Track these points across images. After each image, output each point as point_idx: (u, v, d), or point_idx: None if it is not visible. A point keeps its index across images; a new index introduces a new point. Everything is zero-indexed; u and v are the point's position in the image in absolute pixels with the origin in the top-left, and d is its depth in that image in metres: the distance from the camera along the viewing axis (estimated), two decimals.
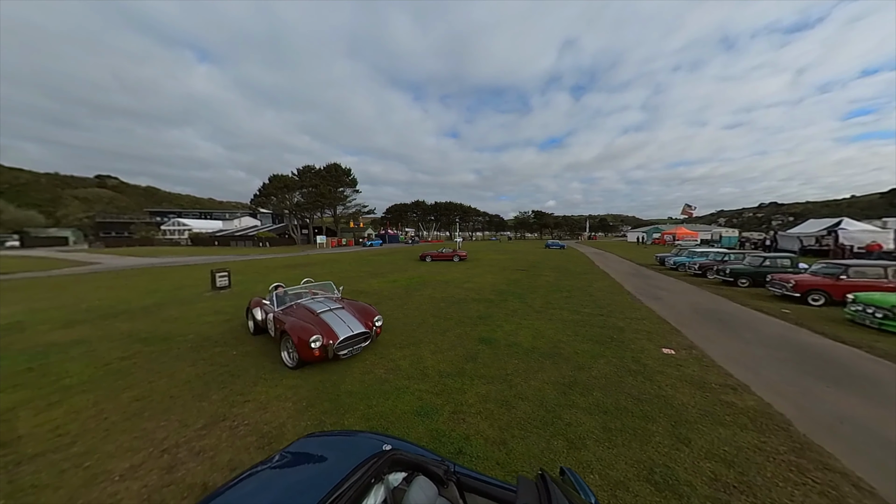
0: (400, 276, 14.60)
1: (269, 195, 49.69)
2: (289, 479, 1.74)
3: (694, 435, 3.17)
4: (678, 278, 14.23)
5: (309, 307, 5.36)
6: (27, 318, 7.73)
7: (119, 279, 14.69)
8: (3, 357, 5.24)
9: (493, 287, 11.69)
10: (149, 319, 7.52)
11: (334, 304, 5.60)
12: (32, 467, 2.79)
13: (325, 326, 4.75)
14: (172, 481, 2.62)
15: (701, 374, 4.51)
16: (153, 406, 3.75)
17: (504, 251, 33.85)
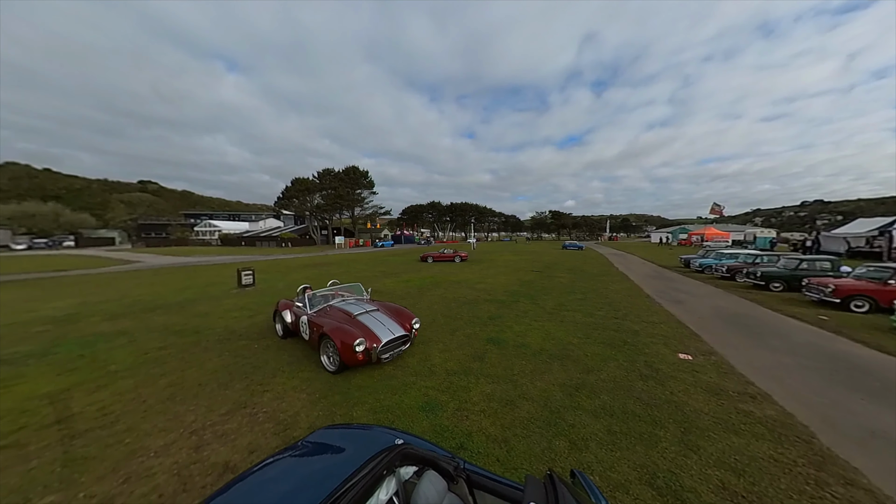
0: (413, 277, 14.83)
1: (292, 197, 51.89)
2: (309, 467, 1.89)
3: (704, 442, 3.07)
4: (703, 281, 13.50)
5: (344, 309, 5.22)
6: (80, 310, 8.61)
7: (157, 276, 15.93)
8: (61, 345, 5.90)
9: (505, 288, 11.64)
10: (182, 314, 8.15)
11: (369, 306, 5.50)
12: (83, 441, 3.16)
13: (365, 329, 4.63)
14: (199, 460, 2.89)
15: (718, 381, 4.32)
16: (184, 392, 4.11)
17: (519, 252, 33.41)
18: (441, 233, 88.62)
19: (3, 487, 2.59)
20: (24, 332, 6.71)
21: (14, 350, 5.64)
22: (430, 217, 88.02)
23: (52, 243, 49.56)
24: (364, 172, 55.35)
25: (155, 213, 75.52)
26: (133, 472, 2.74)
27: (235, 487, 1.76)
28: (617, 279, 14.03)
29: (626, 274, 15.78)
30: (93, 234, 59.69)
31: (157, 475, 2.71)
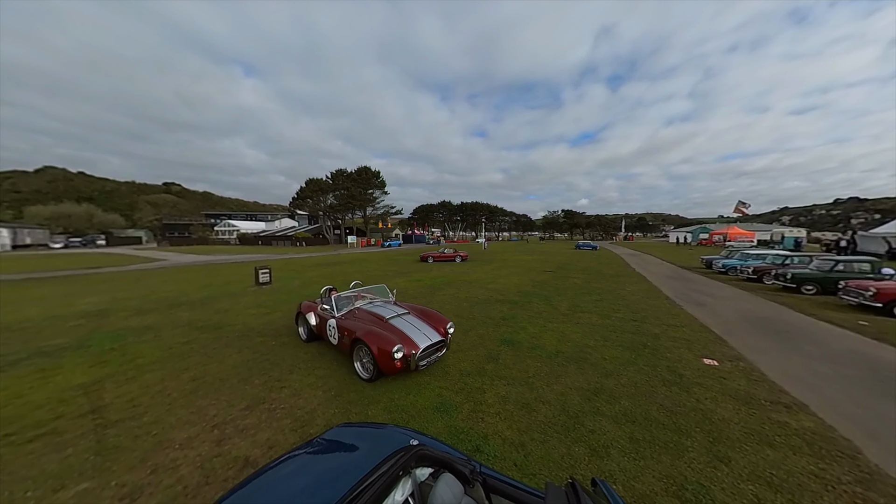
0: (425, 276, 14.87)
1: (306, 198, 53.12)
2: (325, 464, 1.90)
3: (735, 454, 2.90)
4: (727, 283, 12.89)
5: (374, 312, 4.98)
6: (110, 306, 9.07)
7: (180, 274, 16.63)
8: (94, 338, 6.22)
9: (517, 288, 11.49)
10: (204, 310, 8.45)
11: (399, 308, 5.25)
12: (115, 431, 3.31)
13: (401, 335, 4.37)
14: (220, 453, 2.97)
15: (748, 389, 4.09)
16: (206, 386, 4.24)
17: (531, 252, 32.97)
18: (452, 232, 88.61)
19: (43, 473, 2.74)
20: (62, 325, 7.13)
21: (53, 342, 5.99)
22: (440, 217, 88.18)
23: (85, 242, 52.64)
24: (376, 173, 56.01)
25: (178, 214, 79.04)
26: (160, 464, 2.84)
27: (255, 482, 1.79)
28: (634, 280, 13.60)
29: (643, 275, 15.28)
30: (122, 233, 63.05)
31: (182, 467, 2.80)
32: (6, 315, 8.04)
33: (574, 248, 39.21)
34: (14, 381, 4.42)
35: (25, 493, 2.53)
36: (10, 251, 38.64)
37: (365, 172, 54.95)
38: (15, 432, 3.29)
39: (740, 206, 50.72)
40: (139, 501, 2.45)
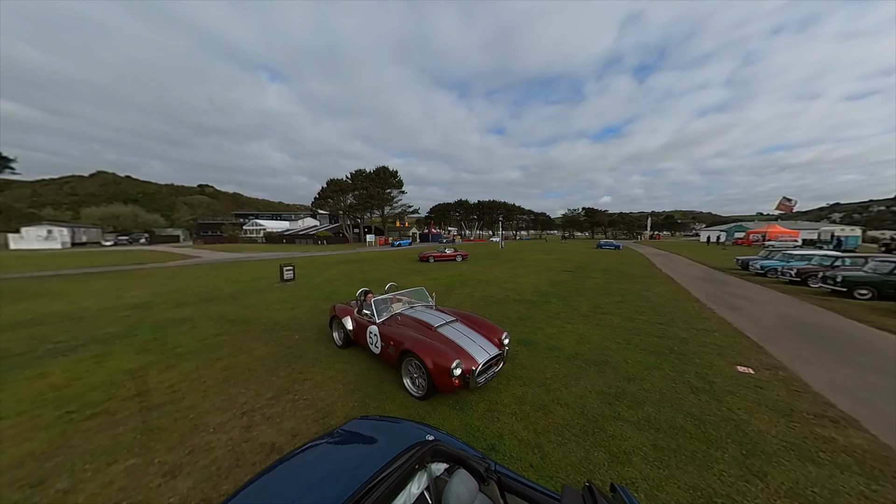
0: (441, 275, 14.94)
1: (327, 198, 54.91)
2: (344, 454, 1.98)
3: (772, 469, 2.71)
4: (766, 286, 11.96)
5: (420, 319, 4.52)
6: (153, 299, 9.86)
7: (213, 270, 17.76)
8: (139, 328, 6.80)
9: (535, 288, 11.28)
10: (234, 304, 8.99)
11: (446, 315, 4.77)
12: (157, 413, 3.61)
13: (455, 347, 3.89)
14: (249, 439, 3.16)
15: (788, 400, 3.80)
16: (236, 376, 4.52)
17: (549, 251, 32.20)
18: (468, 231, 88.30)
19: (98, 448, 3.04)
20: (112, 315, 7.85)
21: (105, 331, 6.62)
22: (457, 215, 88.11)
23: (131, 240, 57.49)
24: (393, 172, 56.87)
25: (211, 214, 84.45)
26: (196, 445, 3.08)
27: (282, 467, 1.89)
28: (660, 281, 12.95)
29: (670, 276, 14.50)
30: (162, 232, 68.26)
31: (215, 450, 3.01)
32: (69, 305, 8.96)
33: (595, 248, 37.86)
34: (74, 365, 4.93)
35: (84, 466, 2.82)
36: (70, 248, 42.99)
37: (383, 172, 55.95)
38: (75, 410, 3.68)
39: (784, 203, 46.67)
40: (178, 479, 2.67)
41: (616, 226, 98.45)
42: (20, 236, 43.15)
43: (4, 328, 6.81)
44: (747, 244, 40.78)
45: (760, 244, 36.42)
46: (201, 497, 2.48)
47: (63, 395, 4.03)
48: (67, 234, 46.81)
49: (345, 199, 54.98)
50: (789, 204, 46.79)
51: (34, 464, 2.85)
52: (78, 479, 2.67)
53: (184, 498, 2.48)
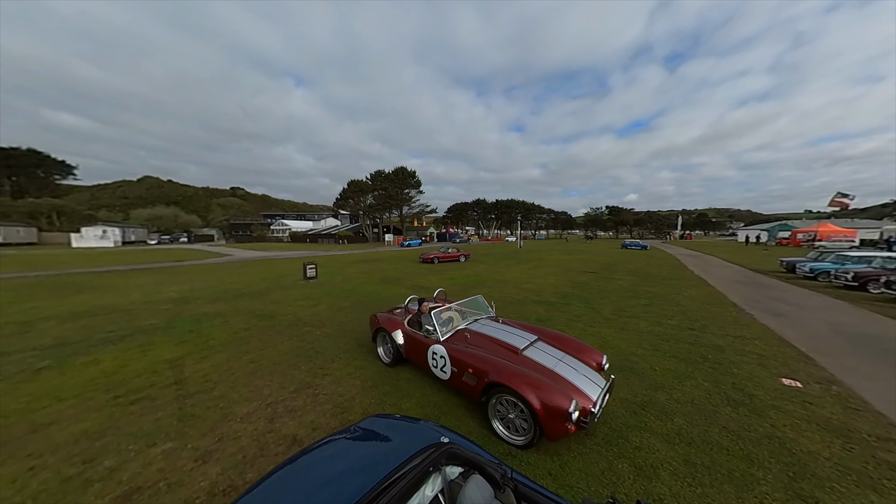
0: (458, 274, 14.91)
1: (347, 198, 56.54)
2: (361, 451, 2.01)
3: (824, 495, 2.44)
4: (816, 290, 10.87)
5: (496, 338, 3.76)
6: (190, 294, 10.60)
7: (243, 268, 18.83)
8: (177, 321, 7.33)
9: (555, 289, 10.96)
10: (261, 300, 9.47)
11: (524, 332, 3.99)
12: (192, 401, 3.86)
13: (556, 378, 3.10)
14: (272, 430, 3.30)
15: (844, 419, 3.41)
16: (262, 369, 4.74)
17: (571, 251, 31.21)
18: (486, 230, 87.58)
19: (140, 430, 3.30)
20: (155, 309, 8.52)
21: (148, 322, 7.19)
22: (474, 215, 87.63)
23: (172, 239, 62.27)
24: (412, 172, 57.54)
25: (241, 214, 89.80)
26: (225, 433, 3.25)
27: (301, 460, 1.95)
28: (692, 284, 12.14)
29: (703, 278, 13.56)
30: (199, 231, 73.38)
31: (242, 438, 3.17)
32: (118, 299, 9.84)
33: (620, 248, 36.21)
34: (122, 353, 5.39)
35: (128, 446, 3.07)
36: (121, 246, 47.34)
37: (401, 172, 56.77)
38: (122, 395, 4.01)
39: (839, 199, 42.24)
40: (209, 464, 2.83)
41: (643, 225, 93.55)
42: (81, 235, 48.11)
43: (66, 318, 7.58)
44: (794, 244, 37.34)
45: (809, 245, 33.22)
46: (228, 483, 2.62)
47: (112, 380, 4.42)
48: (119, 234, 51.57)
49: (364, 200, 56.38)
50: (845, 200, 42.26)
51: (87, 442, 3.13)
52: (123, 459, 2.90)
53: (213, 483, 2.63)
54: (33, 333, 6.44)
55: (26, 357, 5.22)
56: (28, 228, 48.64)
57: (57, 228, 53.94)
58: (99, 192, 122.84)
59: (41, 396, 3.98)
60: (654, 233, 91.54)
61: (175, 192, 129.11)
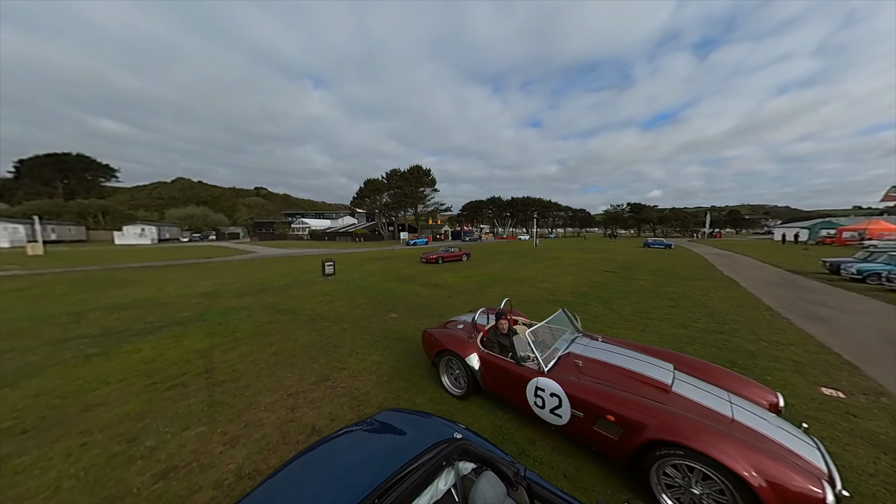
0: (472, 273, 14.87)
1: (364, 197, 57.70)
2: (376, 443, 2.08)
3: None
4: (864, 293, 9.96)
5: (624, 368, 2.97)
6: (218, 289, 11.23)
7: (266, 265, 19.69)
8: (207, 314, 7.79)
9: (572, 289, 10.70)
10: (283, 295, 9.88)
11: (645, 355, 3.23)
12: (220, 389, 4.11)
13: (762, 439, 2.19)
14: (294, 419, 3.46)
15: (894, 433, 3.12)
16: (284, 361, 4.96)
17: (589, 249, 30.29)
18: (501, 228, 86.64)
19: (175, 415, 3.56)
20: (187, 302, 9.10)
21: (182, 315, 7.69)
22: (489, 213, 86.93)
23: (202, 237, 66.10)
24: (426, 171, 57.83)
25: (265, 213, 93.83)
26: (250, 420, 3.45)
27: (319, 449, 2.03)
28: (720, 285, 11.47)
29: (734, 279, 12.77)
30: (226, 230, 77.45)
31: (265, 426, 3.34)
32: (156, 292, 10.59)
33: (642, 247, 34.73)
34: (159, 342, 5.81)
35: (165, 428, 3.32)
36: (157, 244, 50.80)
37: (416, 171, 57.19)
38: (159, 381, 4.34)
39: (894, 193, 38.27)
40: (236, 448, 3.02)
41: (667, 223, 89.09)
42: (122, 233, 52.13)
43: (111, 310, 8.26)
44: (839, 243, 34.31)
45: (857, 244, 30.44)
46: (253, 467, 2.77)
47: (150, 367, 4.78)
48: (155, 232, 55.37)
49: (380, 198, 57.34)
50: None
51: (129, 423, 3.42)
52: (161, 440, 3.14)
53: (240, 466, 2.79)
54: (84, 323, 7.06)
55: (79, 344, 5.74)
56: (78, 227, 53.27)
57: (102, 227, 58.66)
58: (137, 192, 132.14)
59: (91, 380, 4.38)
60: (680, 231, 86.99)
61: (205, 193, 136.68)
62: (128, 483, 2.63)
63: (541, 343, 3.28)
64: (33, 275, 14.72)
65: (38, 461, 2.88)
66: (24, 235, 38.28)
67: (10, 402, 3.83)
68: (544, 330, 3.59)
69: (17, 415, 3.57)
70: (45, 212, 47.78)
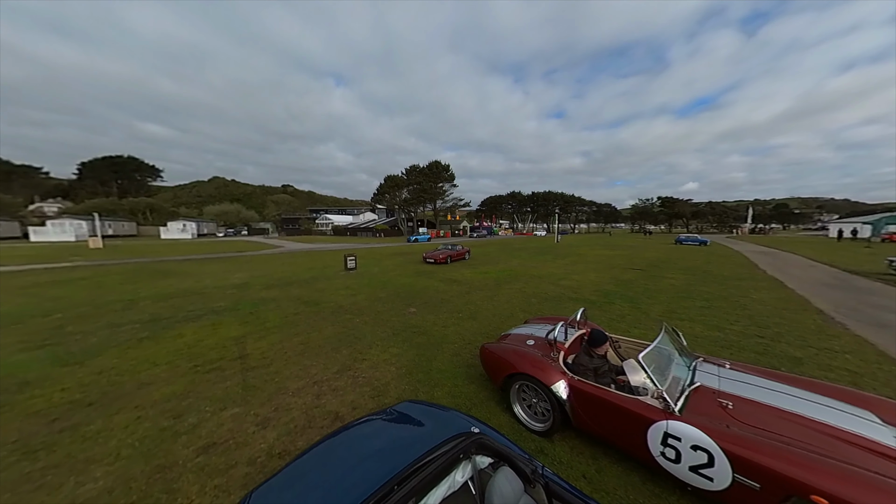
0: (491, 269, 14.74)
1: (384, 193, 58.76)
2: (396, 432, 2.15)
3: None
4: None
5: (800, 414, 2.28)
6: (249, 281, 11.97)
7: (292, 259, 20.68)
8: (240, 304, 8.34)
9: (595, 286, 10.31)
10: (308, 288, 10.35)
11: (841, 403, 2.41)
12: (253, 374, 4.41)
13: None
14: (318, 405, 3.64)
15: None
16: (309, 350, 5.22)
17: (614, 246, 28.98)
18: (521, 224, 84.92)
19: (214, 396, 3.86)
20: (223, 293, 9.78)
21: (218, 304, 8.29)
22: (509, 208, 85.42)
23: (235, 232, 70.59)
24: (445, 166, 57.76)
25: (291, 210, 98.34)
26: (280, 404, 3.67)
27: (343, 434, 2.13)
28: (763, 285, 10.57)
29: (779, 279, 11.72)
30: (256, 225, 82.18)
31: (293, 410, 3.55)
32: (195, 283, 11.48)
33: (674, 243, 32.68)
34: (198, 330, 6.31)
35: (205, 408, 3.62)
36: (197, 238, 54.96)
37: (435, 166, 57.29)
38: (199, 364, 4.72)
39: None
40: (267, 429, 3.23)
41: (702, 217, 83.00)
42: (167, 229, 56.99)
43: (158, 298, 9.07)
44: None
45: None
46: (282, 448, 2.96)
47: (192, 351, 5.21)
48: (195, 228, 59.87)
49: (400, 194, 58.11)
50: None
51: (175, 401, 3.76)
52: (201, 418, 3.43)
53: (270, 445, 2.99)
54: (135, 310, 7.81)
55: (132, 328, 6.37)
56: (130, 223, 58.71)
57: (149, 223, 64.20)
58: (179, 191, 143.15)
59: (143, 361, 4.85)
60: (717, 226, 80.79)
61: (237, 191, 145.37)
62: (175, 455, 2.90)
63: (655, 370, 2.49)
64: (94, 266, 16.45)
65: (102, 430, 3.25)
66: (86, 230, 42.80)
67: (78, 378, 4.34)
68: (654, 352, 2.64)
69: (84, 389, 4.04)
70: (103, 209, 53.01)
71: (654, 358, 2.56)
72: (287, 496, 1.65)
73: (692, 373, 2.85)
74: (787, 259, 18.15)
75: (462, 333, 5.89)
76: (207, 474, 2.67)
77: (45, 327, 6.48)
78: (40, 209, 59.04)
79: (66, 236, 42.84)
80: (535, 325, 4.31)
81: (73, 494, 2.49)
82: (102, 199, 64.96)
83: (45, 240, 41.17)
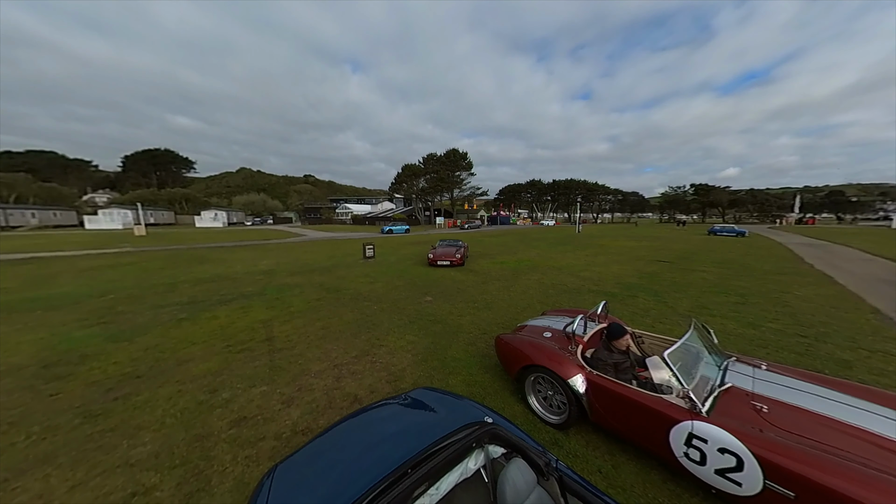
0: (509, 259, 14.54)
1: (401, 182, 58.99)
2: (411, 418, 2.21)
3: None
4: None
5: (844, 421, 2.11)
6: (275, 267, 12.58)
7: (314, 247, 21.45)
8: (267, 289, 8.81)
9: (617, 279, 9.91)
10: (329, 275, 10.73)
11: (839, 392, 2.40)
12: (279, 356, 4.68)
13: None
14: (338, 387, 3.81)
15: None
16: (331, 335, 5.45)
17: (639, 237, 27.57)
18: (540, 213, 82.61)
19: (244, 375, 4.15)
20: (251, 279, 10.36)
21: (247, 289, 8.81)
22: (528, 197, 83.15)
23: (261, 221, 74.16)
24: (463, 154, 56.82)
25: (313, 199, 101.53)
26: (303, 385, 3.88)
27: (360, 416, 2.21)
28: (808, 280, 9.69)
29: (828, 274, 10.68)
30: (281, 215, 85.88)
31: (315, 391, 3.74)
32: (226, 269, 12.24)
33: (706, 234, 30.56)
34: (230, 312, 6.75)
35: (237, 385, 3.90)
36: (227, 227, 58.40)
37: (453, 154, 56.52)
38: (232, 344, 5.07)
39: None
40: (291, 407, 3.44)
41: (741, 206, 76.50)
42: (200, 218, 60.89)
43: (195, 282, 9.76)
44: None
45: None
46: (305, 425, 3.15)
47: (225, 332, 5.60)
48: (225, 217, 63.55)
49: (417, 183, 58.14)
50: None
51: (211, 377, 4.08)
52: (234, 394, 3.71)
53: (294, 423, 3.19)
54: (175, 293, 8.47)
55: (172, 310, 6.93)
56: (168, 212, 63.19)
57: (185, 212, 68.72)
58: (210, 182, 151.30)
59: (182, 340, 5.29)
60: (758, 216, 74.27)
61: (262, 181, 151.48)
62: (210, 426, 3.17)
63: (681, 368, 2.35)
64: (139, 251, 17.95)
65: (149, 401, 3.60)
66: (132, 219, 46.63)
67: (129, 353, 4.81)
68: (681, 350, 2.51)
69: (134, 364, 4.48)
70: (145, 199, 57.28)
71: (680, 356, 2.43)
72: (308, 472, 1.75)
73: (723, 372, 2.71)
74: (839, 252, 16.45)
75: (478, 323, 5.90)
76: (239, 445, 2.90)
77: (99, 307, 7.20)
78: (92, 199, 64.90)
79: (115, 224, 46.93)
80: (553, 317, 4.25)
81: (127, 455, 2.80)
82: (144, 190, 70.07)
83: (98, 227, 45.41)
